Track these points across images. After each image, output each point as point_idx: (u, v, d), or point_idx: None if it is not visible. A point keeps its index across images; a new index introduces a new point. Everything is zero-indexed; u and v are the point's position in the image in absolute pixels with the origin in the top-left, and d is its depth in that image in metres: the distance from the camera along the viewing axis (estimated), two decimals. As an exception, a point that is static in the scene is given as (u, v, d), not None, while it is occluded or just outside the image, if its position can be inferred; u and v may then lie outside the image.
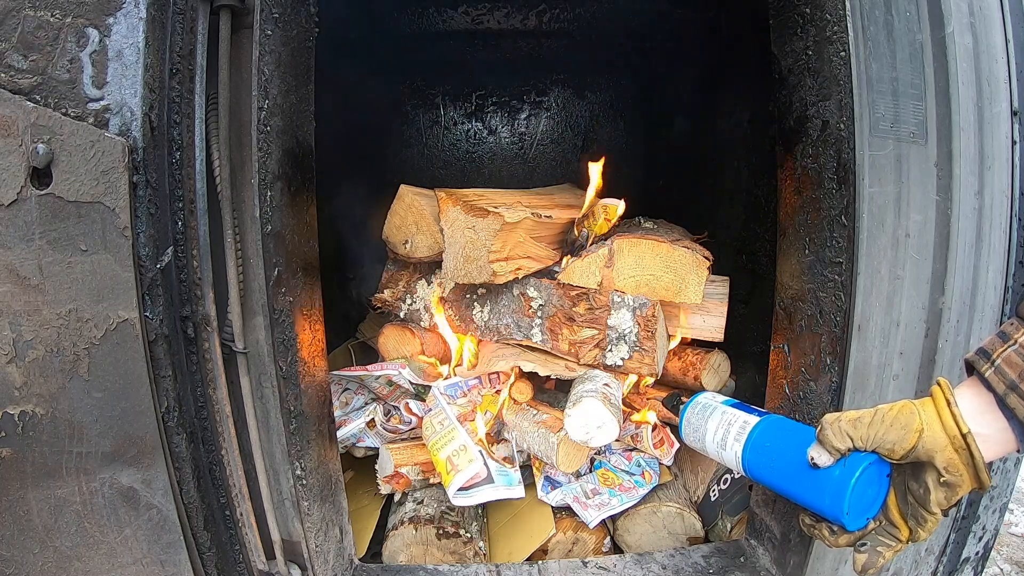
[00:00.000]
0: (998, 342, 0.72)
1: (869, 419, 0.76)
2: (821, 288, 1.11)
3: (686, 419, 1.06)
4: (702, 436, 1.01)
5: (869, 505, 0.80)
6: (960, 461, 0.71)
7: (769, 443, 0.91)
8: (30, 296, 0.90)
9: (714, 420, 1.00)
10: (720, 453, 0.98)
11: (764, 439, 0.92)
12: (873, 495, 0.80)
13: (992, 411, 0.71)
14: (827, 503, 0.80)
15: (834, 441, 0.77)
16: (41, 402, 0.93)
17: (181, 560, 1.02)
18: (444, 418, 1.47)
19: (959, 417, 0.72)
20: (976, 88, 1.05)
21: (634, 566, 1.31)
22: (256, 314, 1.03)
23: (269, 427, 1.07)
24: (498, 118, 2.63)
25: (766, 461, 0.91)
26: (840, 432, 0.77)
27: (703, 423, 1.02)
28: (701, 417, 1.03)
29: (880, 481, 0.79)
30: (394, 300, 1.80)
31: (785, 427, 0.93)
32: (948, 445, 0.71)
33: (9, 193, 0.88)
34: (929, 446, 0.72)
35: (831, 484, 0.78)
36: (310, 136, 1.15)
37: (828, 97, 1.06)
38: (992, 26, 1.07)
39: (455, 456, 1.42)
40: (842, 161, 1.04)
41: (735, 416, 0.98)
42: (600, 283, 1.55)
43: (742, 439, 0.94)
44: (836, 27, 1.03)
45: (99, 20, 0.90)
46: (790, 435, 0.90)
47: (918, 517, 0.76)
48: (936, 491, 0.73)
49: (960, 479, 0.71)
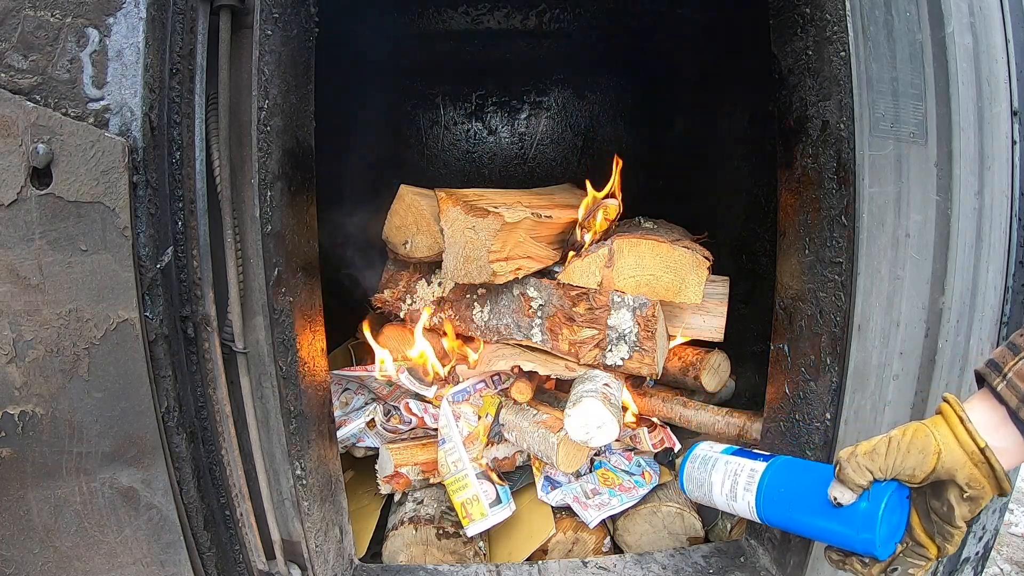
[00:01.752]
0: (1008, 354, 0.71)
1: (885, 449, 0.76)
2: (821, 288, 1.11)
3: (687, 474, 1.03)
4: (708, 490, 0.98)
5: (895, 530, 0.79)
6: (981, 475, 0.71)
7: (783, 488, 0.89)
8: (30, 296, 0.90)
9: (718, 472, 0.97)
10: (731, 504, 0.95)
11: (777, 485, 0.90)
12: (898, 520, 0.79)
13: (1006, 424, 0.71)
14: (857, 538, 0.79)
15: (855, 478, 0.76)
16: (41, 402, 0.93)
17: (181, 560, 1.02)
18: (457, 458, 1.49)
19: (975, 433, 0.71)
20: (976, 88, 1.05)
21: (634, 566, 1.31)
22: (256, 314, 1.03)
23: (269, 427, 1.07)
24: (498, 118, 2.63)
25: (783, 507, 0.89)
26: (859, 467, 0.76)
27: (706, 476, 0.98)
28: (703, 470, 1.00)
29: (902, 504, 0.79)
30: (394, 300, 1.80)
31: (795, 469, 0.92)
32: (967, 462, 0.71)
33: (9, 193, 0.88)
34: (949, 465, 0.72)
35: (858, 519, 0.78)
36: (310, 136, 1.15)
37: (828, 97, 1.06)
38: (992, 26, 1.07)
39: (468, 505, 1.47)
40: (842, 161, 1.04)
41: (740, 464, 0.95)
42: (600, 283, 1.55)
43: (753, 488, 0.92)
44: (836, 27, 1.03)
45: (99, 20, 0.90)
46: (802, 476, 0.89)
47: (944, 533, 0.75)
48: (960, 506, 0.73)
49: (983, 491, 0.71)
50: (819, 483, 0.82)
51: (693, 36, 2.21)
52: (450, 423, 1.53)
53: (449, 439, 1.52)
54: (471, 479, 1.47)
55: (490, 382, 1.68)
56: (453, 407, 1.58)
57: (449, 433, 1.52)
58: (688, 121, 2.39)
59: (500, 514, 1.49)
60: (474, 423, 1.58)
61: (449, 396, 1.61)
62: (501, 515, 1.49)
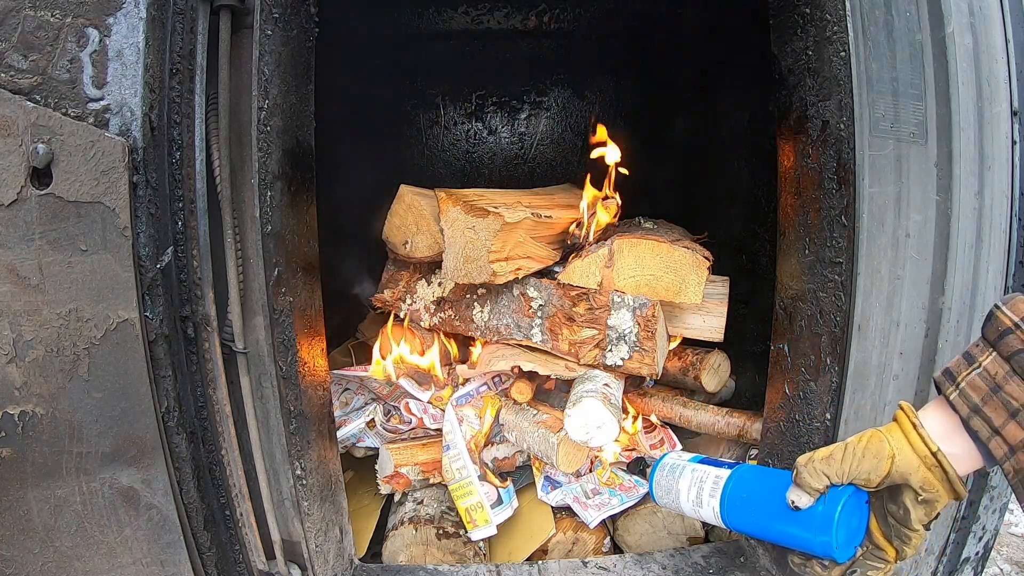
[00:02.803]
0: (963, 364, 0.73)
1: (841, 454, 0.78)
2: (821, 288, 1.11)
3: (656, 482, 1.05)
4: (676, 497, 1.01)
5: (854, 534, 0.81)
6: (935, 478, 0.73)
7: (745, 493, 0.92)
8: (30, 296, 0.90)
9: (685, 479, 1.00)
10: (697, 510, 0.98)
11: (739, 490, 0.93)
12: (856, 524, 0.81)
13: (959, 432, 0.73)
14: (815, 541, 0.81)
15: (811, 481, 0.79)
16: (41, 402, 0.93)
17: (181, 560, 1.02)
18: (462, 465, 1.50)
19: (927, 437, 0.74)
20: (976, 88, 1.05)
21: (634, 566, 1.31)
22: (256, 314, 1.03)
23: (269, 427, 1.07)
24: (498, 118, 2.63)
25: (745, 511, 0.92)
26: (815, 472, 0.79)
27: (674, 484, 1.01)
28: (671, 478, 1.02)
29: (860, 509, 0.81)
30: (394, 300, 1.80)
31: (757, 475, 0.95)
32: (920, 465, 0.73)
33: (9, 193, 0.88)
34: (903, 469, 0.74)
35: (816, 521, 0.80)
36: (310, 136, 1.15)
37: (828, 97, 1.06)
38: (992, 26, 1.07)
39: (473, 511, 1.48)
40: (842, 161, 1.04)
41: (705, 472, 0.98)
42: (600, 283, 1.55)
43: (717, 494, 0.95)
44: (836, 27, 1.03)
45: (99, 20, 0.90)
46: (764, 481, 0.91)
47: (902, 536, 0.78)
48: (915, 509, 0.75)
49: (937, 495, 0.74)
50: (779, 488, 0.84)
51: (693, 36, 2.21)
52: (454, 429, 1.53)
53: (454, 445, 1.52)
54: (475, 486, 1.48)
55: (491, 384, 1.68)
56: (456, 411, 1.58)
57: (453, 439, 1.52)
58: (688, 121, 2.39)
59: (502, 515, 1.50)
60: (476, 426, 1.58)
61: (453, 400, 1.61)
62: (503, 516, 1.50)
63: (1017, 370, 0.68)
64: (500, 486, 1.54)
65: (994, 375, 0.69)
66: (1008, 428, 0.68)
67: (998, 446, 0.69)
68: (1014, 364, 0.68)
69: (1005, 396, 0.68)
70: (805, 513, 0.81)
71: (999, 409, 0.68)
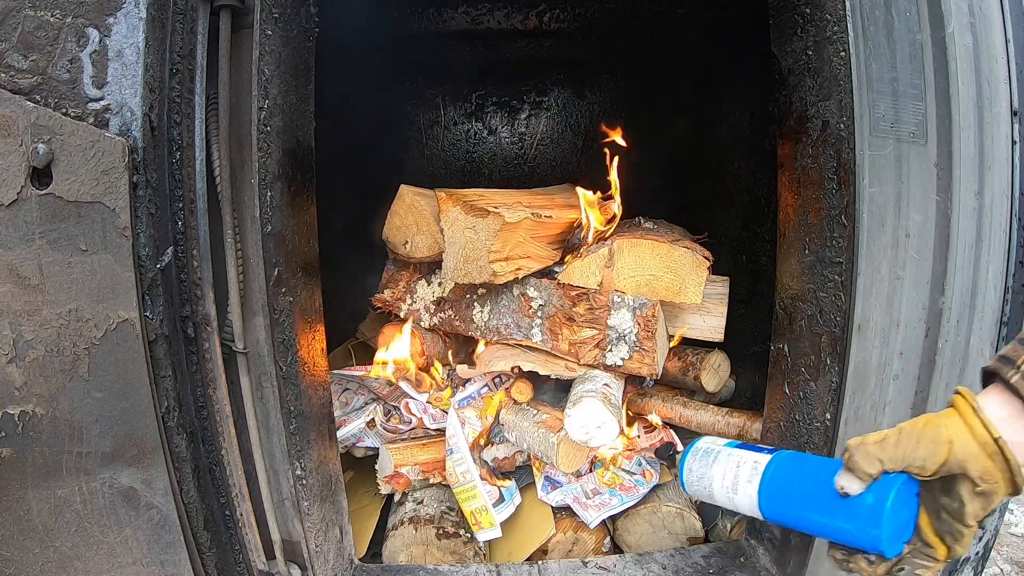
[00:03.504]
0: (1021, 349, 0.69)
1: (895, 439, 0.72)
2: (821, 288, 1.11)
3: (687, 467, 0.99)
4: (708, 483, 0.94)
5: (903, 528, 0.76)
6: (995, 467, 0.68)
7: (787, 479, 0.86)
8: (30, 296, 0.90)
9: (720, 464, 0.93)
10: (731, 498, 0.91)
11: (781, 476, 0.86)
12: (906, 518, 0.76)
13: (1020, 419, 0.68)
14: (863, 533, 0.75)
15: (864, 466, 0.73)
16: (41, 402, 0.93)
17: (181, 560, 1.02)
18: (465, 469, 1.50)
19: (988, 423, 0.68)
20: (976, 88, 1.04)
21: (634, 566, 1.31)
22: (256, 314, 1.03)
23: (269, 427, 1.07)
24: (498, 118, 2.63)
25: (787, 499, 0.85)
26: (868, 455, 0.73)
27: (707, 469, 0.95)
28: (705, 463, 0.96)
29: (911, 501, 0.76)
30: (394, 300, 1.80)
31: (801, 461, 0.88)
32: (981, 453, 0.68)
33: (9, 193, 0.88)
34: (961, 456, 0.69)
35: (865, 512, 0.74)
36: (310, 136, 1.15)
37: (828, 97, 1.06)
38: (992, 26, 1.07)
39: (478, 514, 1.49)
40: (842, 161, 1.04)
41: (743, 457, 0.91)
42: (600, 283, 1.55)
43: (756, 480, 0.88)
44: (836, 27, 1.03)
45: (99, 20, 0.90)
46: (808, 468, 0.85)
47: (954, 532, 0.72)
48: (972, 502, 0.69)
49: (996, 487, 0.68)
50: (825, 476, 0.79)
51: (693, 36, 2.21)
52: (457, 433, 1.53)
53: (457, 449, 1.52)
54: (480, 489, 1.48)
55: (492, 385, 1.69)
56: (458, 413, 1.59)
57: (457, 443, 1.53)
58: (688, 121, 2.39)
59: (505, 512, 1.51)
60: (478, 428, 1.58)
61: (455, 403, 1.61)
62: (507, 513, 1.51)
63: None
64: (502, 485, 1.54)
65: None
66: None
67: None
68: None
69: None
70: (853, 502, 0.75)
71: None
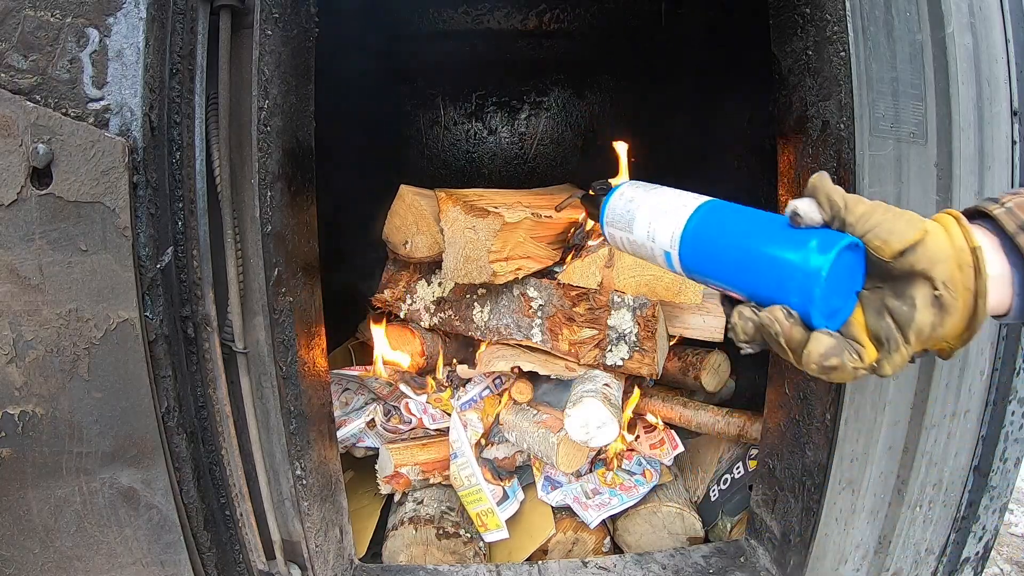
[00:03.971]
0: (1007, 192, 0.65)
1: (871, 202, 0.63)
2: (821, 288, 1.11)
3: (609, 208, 0.83)
4: (630, 221, 0.79)
5: (835, 311, 0.63)
6: (961, 280, 0.60)
7: (719, 219, 0.71)
8: (30, 296, 0.90)
9: (649, 201, 0.78)
10: (653, 237, 0.76)
11: (714, 214, 0.72)
12: (841, 301, 0.63)
13: (997, 253, 0.62)
14: (797, 275, 0.61)
15: (833, 194, 0.62)
16: (41, 402, 0.93)
17: (181, 560, 1.02)
18: (470, 473, 1.51)
19: (970, 232, 0.61)
20: (976, 88, 1.04)
21: (634, 566, 1.31)
22: (256, 314, 1.03)
23: (269, 427, 1.07)
24: (498, 118, 2.63)
25: (715, 236, 0.70)
26: (838, 191, 0.63)
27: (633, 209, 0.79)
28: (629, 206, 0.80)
29: (851, 284, 0.64)
30: (394, 300, 1.80)
31: (737, 208, 0.72)
32: (953, 257, 0.60)
33: (9, 193, 0.88)
34: (932, 252, 0.60)
35: (807, 251, 0.60)
36: (310, 136, 1.15)
37: (828, 97, 1.06)
38: (992, 26, 1.06)
39: (484, 516, 1.50)
40: (842, 161, 1.04)
41: (675, 197, 0.77)
42: (600, 283, 1.55)
43: (684, 216, 0.72)
44: (836, 27, 1.03)
45: (99, 20, 0.90)
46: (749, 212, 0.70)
47: (892, 339, 0.62)
48: (924, 310, 0.60)
49: (954, 303, 0.60)
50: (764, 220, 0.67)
51: (693, 36, 2.21)
52: (461, 437, 1.53)
53: (461, 453, 1.53)
54: (485, 492, 1.49)
55: (493, 387, 1.69)
56: (461, 416, 1.59)
57: (461, 447, 1.53)
58: (688, 121, 2.39)
59: (510, 510, 1.52)
60: (480, 429, 1.59)
61: (458, 406, 1.61)
62: (511, 510, 1.52)
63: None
64: (505, 484, 1.55)
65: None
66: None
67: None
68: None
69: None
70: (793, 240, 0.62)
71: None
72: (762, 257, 0.64)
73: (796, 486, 1.21)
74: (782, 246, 0.63)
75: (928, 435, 1.11)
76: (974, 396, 1.11)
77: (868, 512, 1.15)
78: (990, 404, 1.12)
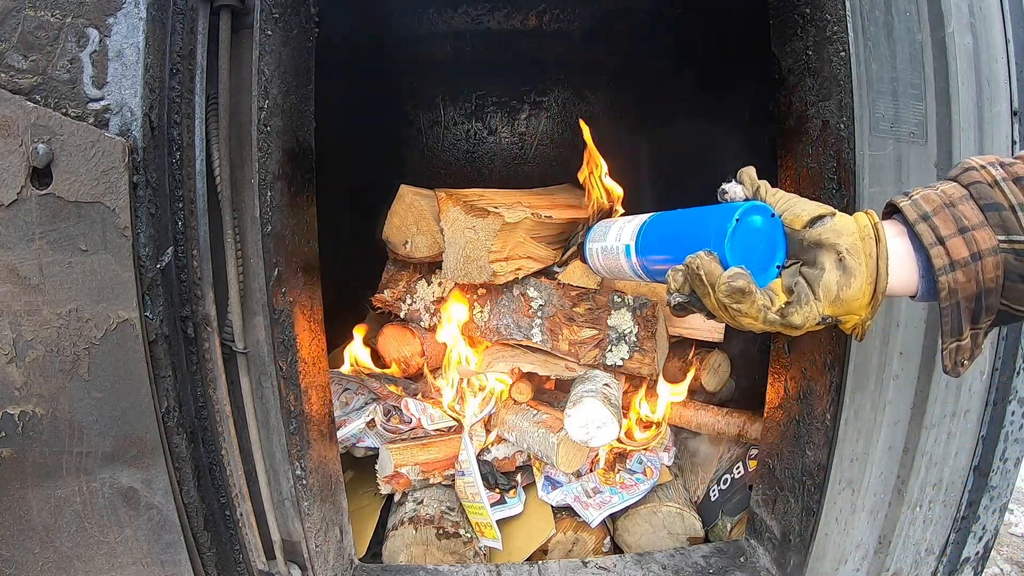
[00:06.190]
0: (919, 188, 0.74)
1: (786, 192, 0.78)
2: (821, 288, 1.11)
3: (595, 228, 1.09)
4: (603, 235, 1.04)
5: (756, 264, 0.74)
6: (862, 249, 0.70)
7: (671, 212, 0.91)
8: (30, 296, 0.90)
9: (615, 226, 1.02)
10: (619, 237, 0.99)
11: (662, 216, 0.93)
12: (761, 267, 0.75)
13: (901, 237, 0.72)
14: (717, 220, 0.75)
15: (754, 176, 0.79)
16: (41, 402, 0.93)
17: (181, 560, 1.02)
18: (476, 491, 1.52)
19: (872, 213, 0.73)
20: (976, 88, 1.04)
21: (634, 566, 1.31)
22: (256, 314, 1.03)
23: (269, 427, 1.07)
24: (498, 118, 2.63)
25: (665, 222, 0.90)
26: (756, 178, 0.79)
27: (607, 227, 1.04)
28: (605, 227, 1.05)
29: (771, 257, 0.75)
30: (394, 300, 1.80)
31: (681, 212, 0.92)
32: (856, 232, 0.71)
33: (9, 193, 0.88)
34: (839, 228, 0.71)
35: (726, 208, 0.76)
36: (310, 136, 1.15)
37: (828, 97, 1.06)
38: (992, 26, 1.06)
39: (483, 527, 1.51)
40: (842, 161, 1.04)
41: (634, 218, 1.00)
42: (600, 283, 1.55)
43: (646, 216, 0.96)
44: (836, 27, 1.03)
45: (99, 20, 0.90)
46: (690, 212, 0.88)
47: (801, 294, 0.71)
48: (831, 272, 0.70)
49: (858, 267, 0.70)
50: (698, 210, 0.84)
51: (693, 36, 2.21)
52: (470, 457, 1.54)
53: (469, 472, 1.53)
54: (487, 510, 1.50)
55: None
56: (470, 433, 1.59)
57: (470, 467, 1.53)
58: (688, 121, 2.39)
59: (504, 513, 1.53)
60: (484, 439, 1.59)
61: (467, 427, 1.62)
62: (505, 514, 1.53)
63: (974, 195, 0.68)
64: (509, 498, 1.56)
65: (950, 195, 0.70)
66: (953, 242, 0.67)
67: (939, 255, 0.68)
68: (972, 191, 0.69)
69: (958, 213, 0.68)
70: (721, 209, 0.77)
71: (948, 221, 0.68)
72: (696, 220, 0.82)
73: (796, 486, 1.21)
74: (711, 211, 0.79)
75: (928, 435, 1.11)
76: (974, 396, 1.11)
77: (868, 512, 1.15)
78: (990, 404, 1.12)
